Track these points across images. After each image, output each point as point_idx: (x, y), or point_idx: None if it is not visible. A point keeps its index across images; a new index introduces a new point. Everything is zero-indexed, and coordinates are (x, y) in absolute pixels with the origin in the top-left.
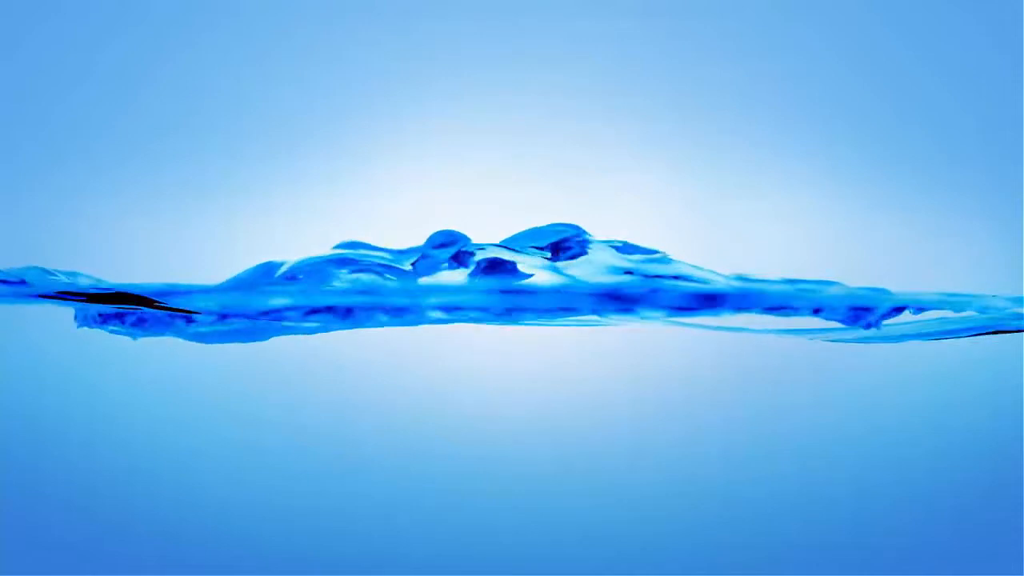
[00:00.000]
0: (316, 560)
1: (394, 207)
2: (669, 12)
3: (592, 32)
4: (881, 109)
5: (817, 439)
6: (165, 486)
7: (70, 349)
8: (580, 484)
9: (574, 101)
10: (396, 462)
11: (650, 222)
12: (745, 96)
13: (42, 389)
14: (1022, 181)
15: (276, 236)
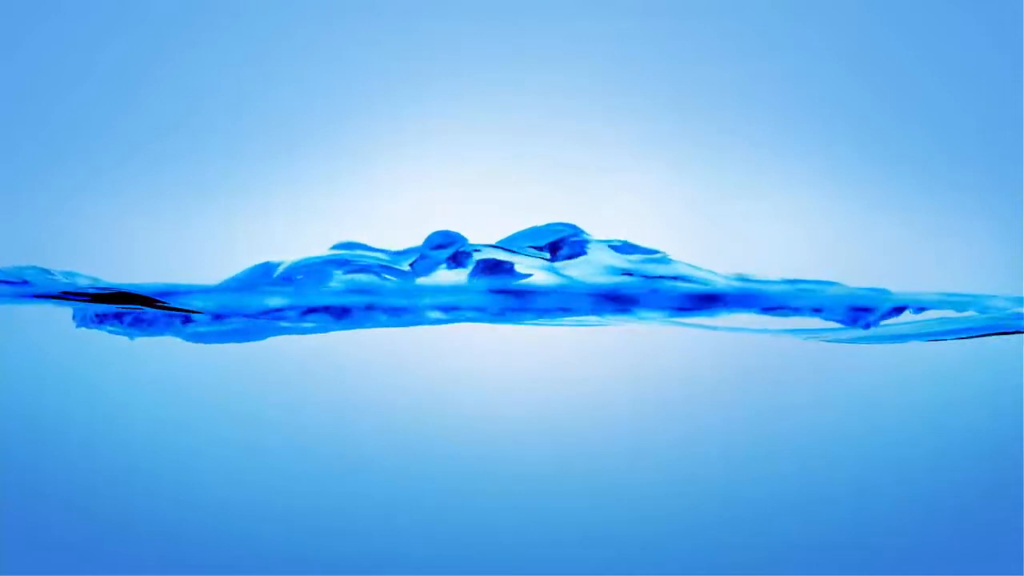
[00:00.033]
0: (316, 560)
1: (394, 207)
2: (669, 12)
3: (592, 32)
4: (881, 109)
5: (817, 439)
6: (165, 486)
7: (70, 349)
8: (580, 484)
9: (574, 101)
10: (396, 462)
11: (650, 222)
12: (745, 96)
13: (42, 389)
14: (1022, 181)
15: (276, 236)
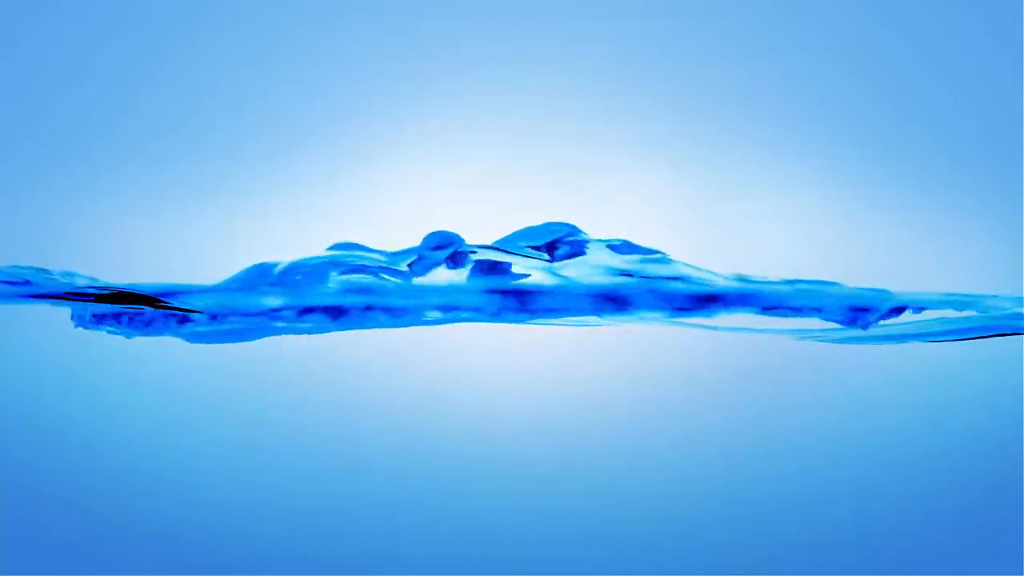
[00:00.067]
0: (316, 560)
1: (394, 207)
2: (669, 12)
3: (592, 32)
4: (881, 109)
5: (817, 439)
6: (165, 486)
7: (70, 349)
8: (580, 484)
9: (574, 101)
10: (396, 462)
11: (650, 222)
12: (745, 96)
13: (42, 389)
14: (1022, 181)
15: (276, 236)
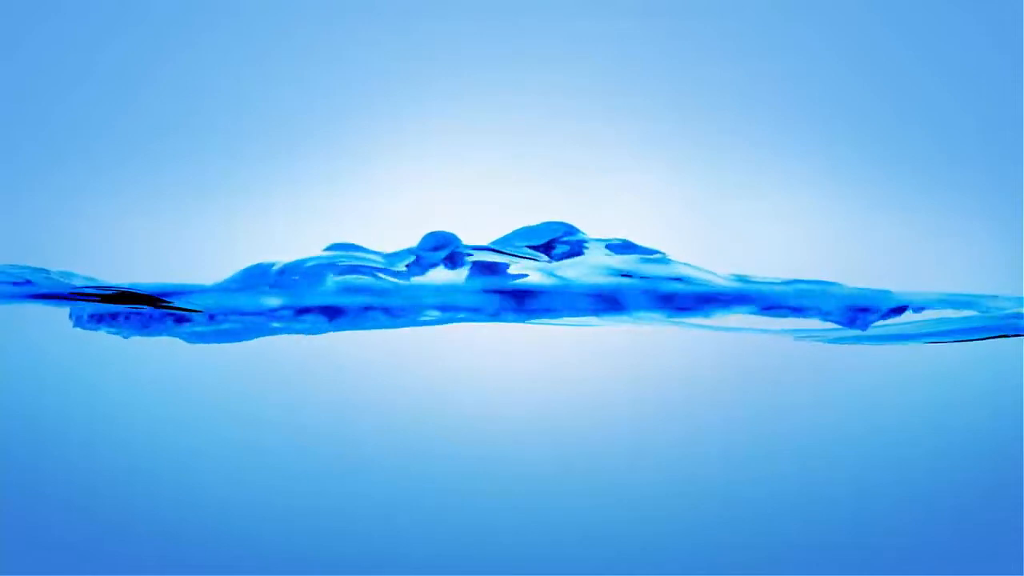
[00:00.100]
0: (316, 560)
1: (394, 207)
2: (669, 12)
3: (592, 32)
4: (881, 109)
5: (817, 439)
6: (165, 486)
7: (70, 349)
8: (580, 484)
9: (574, 101)
10: (396, 462)
11: (650, 222)
12: (745, 96)
13: (42, 389)
14: (1022, 181)
15: (276, 236)
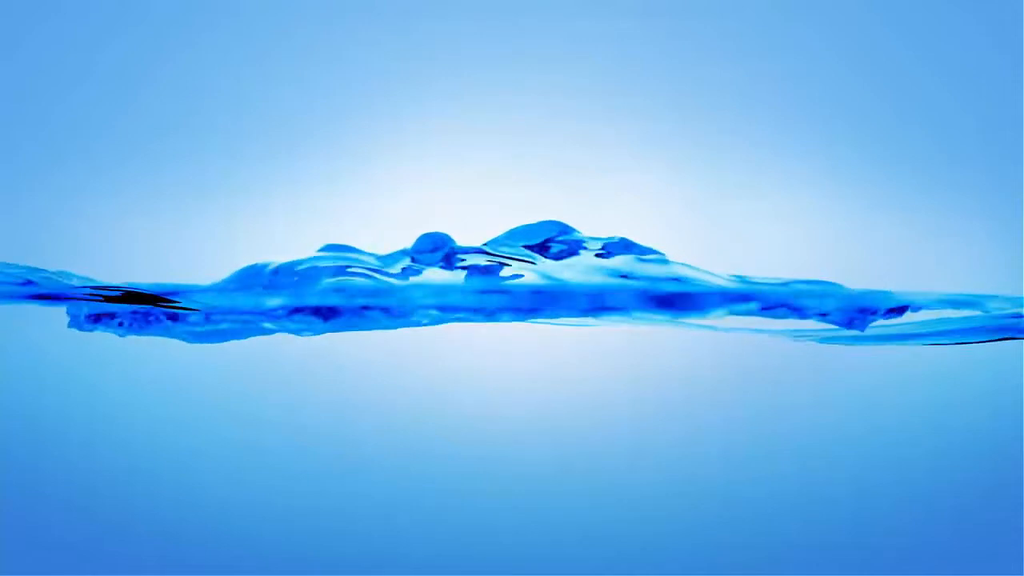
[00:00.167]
0: (316, 560)
1: (394, 208)
2: (669, 12)
3: (592, 32)
4: (881, 109)
5: (817, 439)
6: (165, 486)
7: (70, 349)
8: (580, 484)
9: (574, 101)
10: (396, 462)
11: (650, 222)
12: (745, 96)
13: (42, 389)
14: (1022, 181)
15: (276, 236)
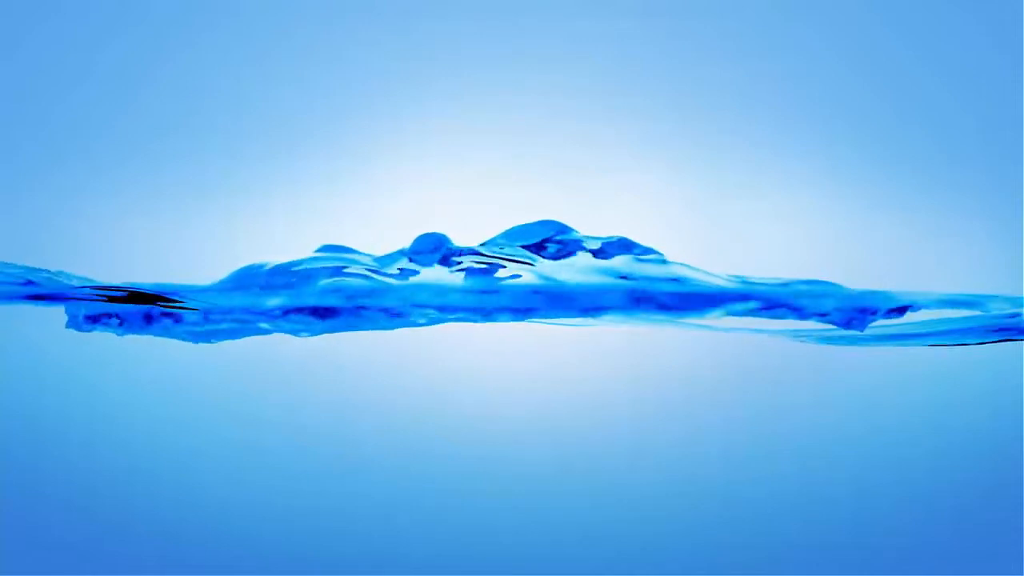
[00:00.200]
0: (316, 560)
1: (394, 208)
2: (669, 12)
3: (592, 32)
4: (881, 109)
5: (817, 439)
6: (165, 486)
7: (70, 349)
8: (580, 484)
9: (574, 101)
10: (396, 462)
11: (650, 222)
12: (745, 96)
13: (42, 389)
14: (1022, 181)
15: (276, 236)
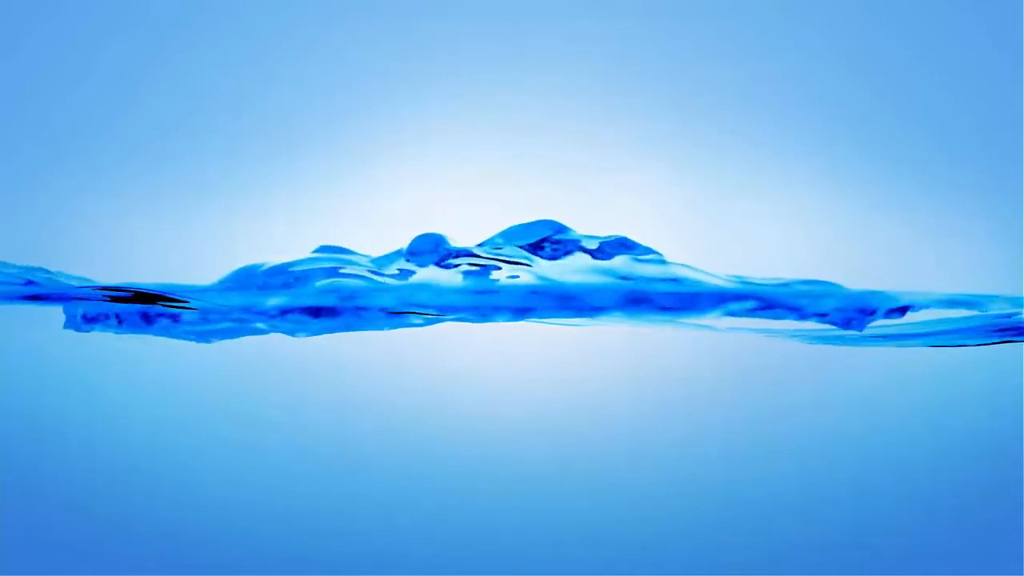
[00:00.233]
0: (316, 560)
1: (394, 208)
2: (669, 12)
3: (592, 32)
4: (881, 109)
5: (817, 439)
6: (165, 486)
7: (70, 349)
8: (580, 484)
9: (574, 101)
10: (396, 462)
11: (650, 222)
12: (745, 96)
13: (42, 389)
14: (1022, 181)
15: (275, 236)
